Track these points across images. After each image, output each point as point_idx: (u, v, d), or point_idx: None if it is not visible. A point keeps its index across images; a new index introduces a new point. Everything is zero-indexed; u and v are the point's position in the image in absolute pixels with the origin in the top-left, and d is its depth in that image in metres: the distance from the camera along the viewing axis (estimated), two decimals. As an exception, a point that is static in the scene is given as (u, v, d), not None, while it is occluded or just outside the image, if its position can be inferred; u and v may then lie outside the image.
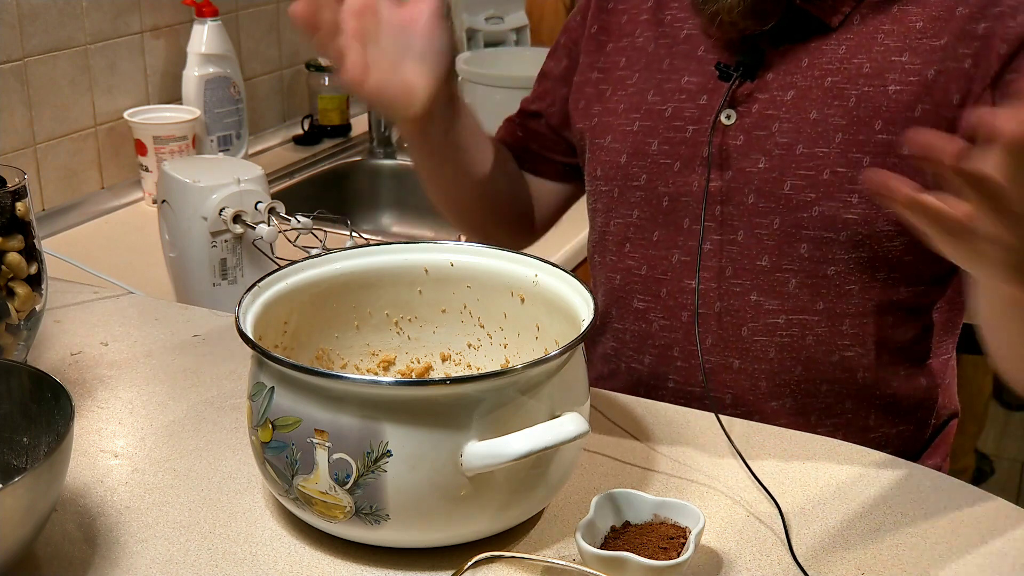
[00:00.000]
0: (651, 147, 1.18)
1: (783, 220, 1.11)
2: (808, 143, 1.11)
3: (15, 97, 1.66)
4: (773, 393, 1.15)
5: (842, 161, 1.09)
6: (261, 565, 0.86)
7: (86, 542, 0.88)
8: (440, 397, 0.81)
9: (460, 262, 1.01)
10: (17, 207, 1.04)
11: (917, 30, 1.10)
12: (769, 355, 1.14)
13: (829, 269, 1.11)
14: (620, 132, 1.20)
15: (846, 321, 1.13)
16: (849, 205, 1.09)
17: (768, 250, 1.13)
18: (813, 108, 1.11)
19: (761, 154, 1.12)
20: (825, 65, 1.12)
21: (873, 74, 1.10)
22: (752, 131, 1.13)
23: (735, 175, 1.13)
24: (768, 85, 1.13)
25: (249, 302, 0.91)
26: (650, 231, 1.19)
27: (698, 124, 1.16)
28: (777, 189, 1.11)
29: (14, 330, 1.05)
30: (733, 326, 1.15)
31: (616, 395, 1.13)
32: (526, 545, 0.88)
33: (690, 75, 1.18)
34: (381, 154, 2.21)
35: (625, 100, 1.21)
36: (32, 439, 0.89)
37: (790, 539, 0.89)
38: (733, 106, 1.14)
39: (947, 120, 1.08)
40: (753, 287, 1.14)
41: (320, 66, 2.22)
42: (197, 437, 1.03)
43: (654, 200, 1.18)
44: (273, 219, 1.35)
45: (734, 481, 0.97)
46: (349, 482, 0.81)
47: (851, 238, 1.10)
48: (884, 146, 1.09)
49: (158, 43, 1.91)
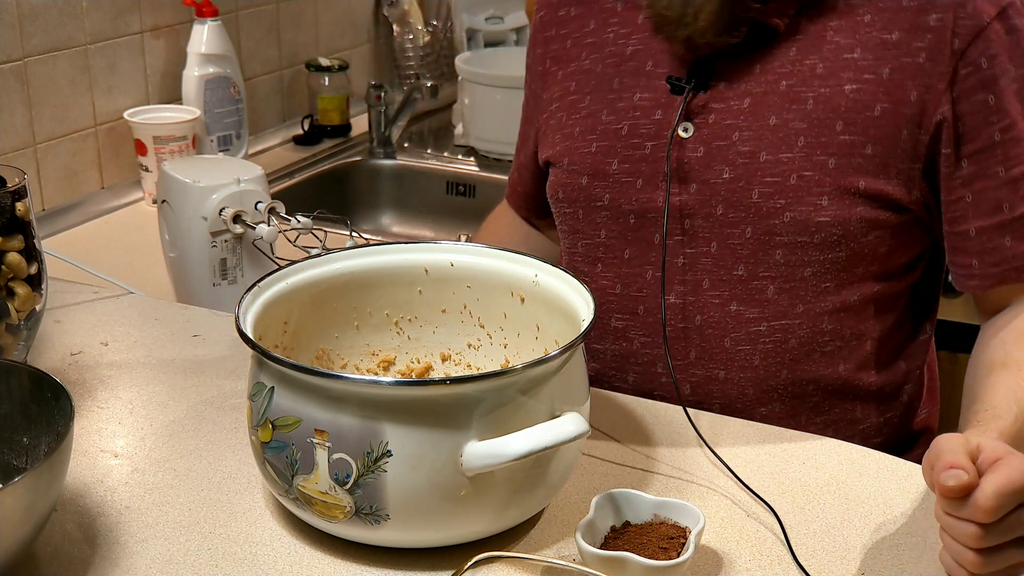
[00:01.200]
0: (611, 167, 1.17)
1: (755, 228, 1.11)
2: (771, 149, 1.10)
3: (15, 97, 1.66)
4: (761, 399, 1.15)
5: (807, 165, 1.08)
6: (261, 565, 0.86)
7: (86, 542, 0.88)
8: (440, 397, 0.81)
9: (460, 262, 1.01)
10: (17, 207, 1.04)
11: (865, 24, 1.09)
12: (754, 363, 1.14)
13: (805, 271, 1.11)
14: (579, 154, 1.19)
15: (825, 319, 1.13)
16: (820, 208, 1.08)
17: (743, 259, 1.12)
18: (771, 114, 1.10)
19: (724, 164, 1.11)
20: (778, 69, 1.11)
21: (827, 74, 1.09)
22: (712, 142, 1.12)
23: (700, 187, 1.12)
24: (722, 95, 1.12)
25: (249, 302, 0.91)
26: (620, 249, 1.18)
27: (655, 140, 1.14)
28: (745, 198, 1.10)
29: (14, 330, 1.05)
30: (715, 338, 1.14)
31: (616, 395, 1.13)
32: (526, 545, 0.88)
33: (641, 91, 1.16)
34: (381, 154, 2.21)
35: (580, 123, 1.20)
36: (32, 439, 0.89)
37: (789, 541, 0.89)
38: (689, 119, 1.13)
39: (907, 117, 1.07)
40: (731, 297, 1.13)
41: (320, 66, 2.22)
42: (197, 437, 1.03)
43: (620, 219, 1.17)
44: (273, 219, 1.35)
45: (734, 481, 0.97)
46: (349, 482, 0.81)
47: (825, 239, 1.09)
48: (847, 146, 1.08)
49: (158, 43, 1.90)
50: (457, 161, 2.20)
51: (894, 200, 1.09)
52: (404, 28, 2.44)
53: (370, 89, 2.18)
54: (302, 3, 2.23)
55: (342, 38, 2.37)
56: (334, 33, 2.34)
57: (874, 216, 1.09)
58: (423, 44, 2.45)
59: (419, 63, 2.46)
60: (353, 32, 2.41)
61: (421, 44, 2.45)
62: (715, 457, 1.00)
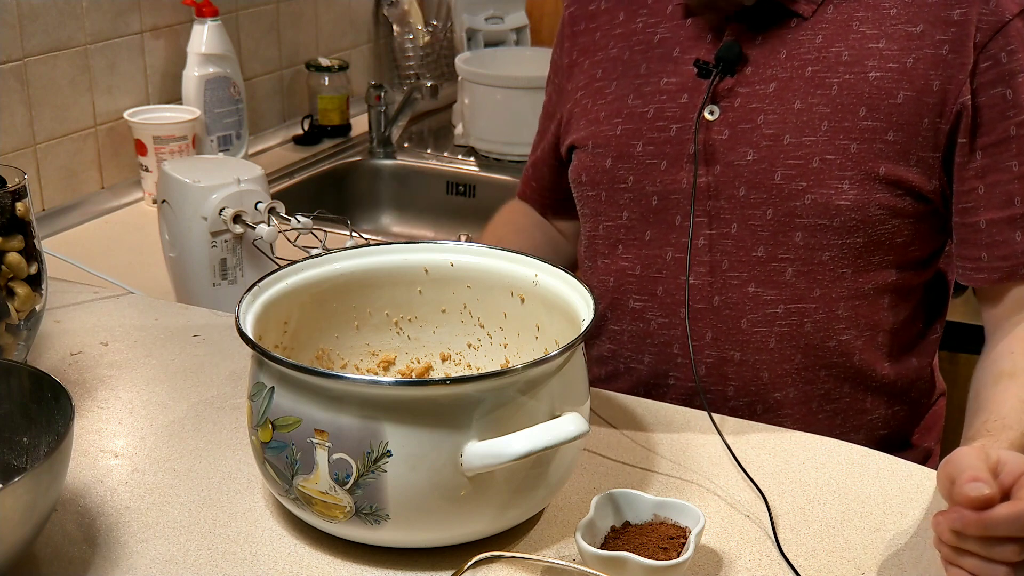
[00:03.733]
0: (636, 149, 1.18)
1: (776, 210, 1.12)
2: (795, 133, 1.12)
3: (15, 97, 1.66)
4: (775, 383, 1.16)
5: (830, 148, 1.10)
6: (261, 565, 0.86)
7: (86, 542, 0.88)
8: (440, 397, 0.81)
9: (460, 262, 1.01)
10: (17, 207, 1.04)
11: (891, 16, 1.11)
12: (769, 345, 1.15)
13: (824, 255, 1.12)
14: (603, 137, 1.21)
15: (841, 305, 1.14)
16: (840, 191, 1.10)
17: (763, 241, 1.13)
18: (796, 98, 1.12)
19: (748, 147, 1.13)
20: (804, 55, 1.13)
21: (852, 62, 1.11)
22: (737, 125, 1.14)
23: (723, 169, 1.14)
24: (748, 79, 1.14)
25: (249, 302, 0.91)
26: (641, 231, 1.19)
27: (681, 122, 1.16)
28: (767, 180, 1.12)
29: (14, 330, 1.05)
30: (732, 319, 1.15)
31: (616, 395, 1.13)
32: (526, 545, 0.88)
33: (668, 76, 1.19)
34: (381, 154, 2.21)
35: (605, 108, 1.22)
36: (32, 439, 0.89)
37: (777, 537, 0.89)
38: (715, 102, 1.15)
39: (929, 106, 1.09)
40: (750, 279, 1.14)
41: (320, 66, 2.22)
42: (197, 437, 1.03)
43: (643, 200, 1.18)
44: (273, 219, 1.35)
45: (734, 481, 0.97)
46: (349, 482, 0.81)
47: (844, 224, 1.11)
48: (870, 132, 1.10)
49: (158, 43, 1.90)
50: (457, 161, 2.20)
51: (914, 188, 1.10)
52: (404, 28, 2.44)
53: (370, 89, 2.18)
54: (302, 3, 2.23)
55: (342, 38, 2.37)
56: (334, 33, 2.34)
57: (893, 204, 1.10)
58: (423, 44, 2.45)
59: (419, 63, 2.46)
60: (353, 32, 2.41)
61: (421, 44, 2.45)
62: (720, 444, 1.00)
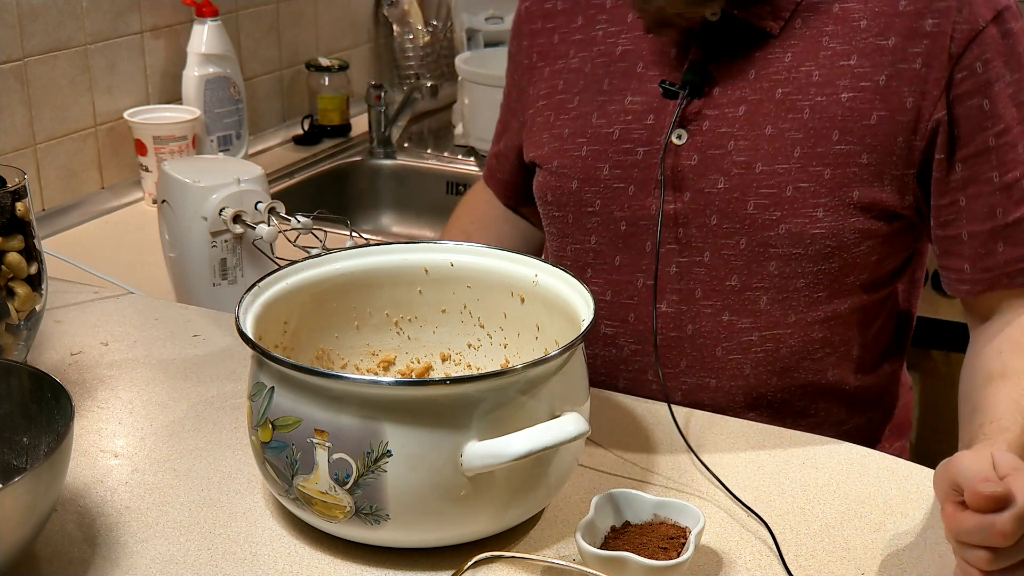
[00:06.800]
0: (602, 172, 1.14)
1: (749, 240, 1.09)
2: (767, 160, 1.08)
3: (15, 97, 1.66)
4: (750, 405, 1.15)
5: (803, 176, 1.07)
6: (261, 565, 0.86)
7: (86, 542, 0.88)
8: (440, 397, 0.81)
9: (460, 262, 1.01)
10: (17, 207, 1.04)
11: (861, 29, 1.07)
12: (744, 371, 1.13)
13: (799, 282, 1.10)
14: (568, 157, 1.17)
15: (816, 328, 1.12)
16: (815, 219, 1.07)
17: (736, 270, 1.10)
18: (767, 123, 1.08)
19: (719, 174, 1.09)
20: (773, 76, 1.09)
21: (824, 82, 1.07)
22: (706, 150, 1.10)
23: (693, 196, 1.10)
24: (716, 101, 1.10)
25: (249, 302, 0.91)
26: (611, 256, 1.16)
27: (648, 146, 1.12)
28: (740, 209, 1.09)
29: (14, 330, 1.05)
30: (707, 347, 1.13)
31: (616, 395, 1.13)
32: (526, 545, 0.88)
33: (632, 94, 1.14)
34: (381, 154, 2.21)
35: (569, 124, 1.18)
36: (32, 439, 0.89)
37: (777, 538, 0.89)
38: (683, 125, 1.11)
39: (903, 124, 1.06)
40: (724, 307, 1.12)
41: (320, 66, 2.22)
42: (197, 437, 1.03)
43: (611, 225, 1.15)
44: (273, 219, 1.35)
45: (734, 481, 0.97)
46: (349, 482, 0.81)
47: (819, 251, 1.08)
48: (843, 156, 1.07)
49: (158, 43, 1.90)
50: (457, 161, 2.20)
51: (887, 208, 1.08)
52: (404, 28, 2.44)
53: (370, 89, 2.18)
54: (302, 3, 2.23)
55: (342, 38, 2.37)
56: (334, 33, 2.34)
57: (867, 226, 1.08)
58: (423, 44, 2.45)
59: (419, 63, 2.46)
60: (353, 32, 2.41)
61: (421, 44, 2.45)
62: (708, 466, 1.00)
